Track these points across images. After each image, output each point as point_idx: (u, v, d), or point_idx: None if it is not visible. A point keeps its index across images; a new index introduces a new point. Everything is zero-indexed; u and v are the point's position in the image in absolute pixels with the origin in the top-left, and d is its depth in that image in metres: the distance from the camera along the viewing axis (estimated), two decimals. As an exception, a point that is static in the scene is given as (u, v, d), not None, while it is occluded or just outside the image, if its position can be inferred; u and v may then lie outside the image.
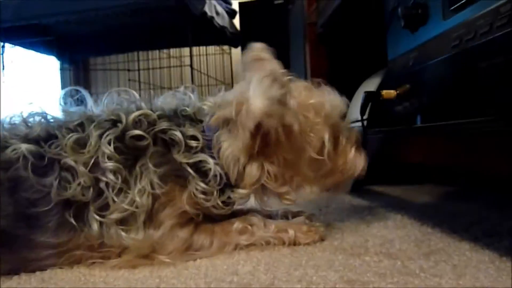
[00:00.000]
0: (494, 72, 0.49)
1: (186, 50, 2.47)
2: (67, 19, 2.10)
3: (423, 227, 0.73)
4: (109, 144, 0.61)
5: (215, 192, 0.64)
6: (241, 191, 0.65)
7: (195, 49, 2.44)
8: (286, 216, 0.76)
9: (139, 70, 2.40)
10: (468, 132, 0.53)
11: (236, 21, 2.55)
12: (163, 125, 0.64)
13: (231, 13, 2.51)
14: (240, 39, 2.51)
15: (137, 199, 0.60)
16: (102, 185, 0.60)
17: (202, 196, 0.63)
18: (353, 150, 0.73)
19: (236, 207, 0.79)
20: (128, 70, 2.51)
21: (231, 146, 0.65)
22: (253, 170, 0.65)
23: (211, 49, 2.73)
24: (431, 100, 0.66)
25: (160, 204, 0.62)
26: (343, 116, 0.74)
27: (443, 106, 0.63)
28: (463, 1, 0.55)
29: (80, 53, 2.65)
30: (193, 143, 0.64)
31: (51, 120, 0.66)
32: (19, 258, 0.60)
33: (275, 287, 0.50)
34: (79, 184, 0.59)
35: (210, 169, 0.64)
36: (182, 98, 0.71)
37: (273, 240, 0.67)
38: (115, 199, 0.60)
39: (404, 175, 1.38)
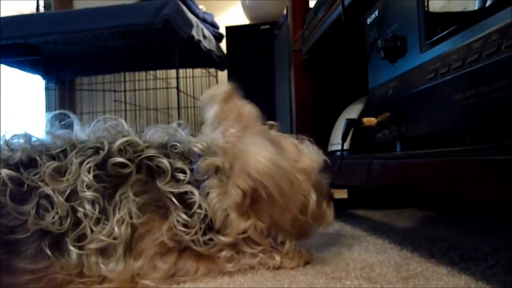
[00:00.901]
0: (466, 105, 0.52)
1: (172, 72, 2.49)
2: (54, 39, 2.11)
3: (402, 251, 0.75)
4: (89, 172, 0.60)
5: (197, 226, 0.63)
6: (223, 238, 0.64)
7: (181, 71, 2.47)
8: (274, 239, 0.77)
9: (125, 91, 2.40)
10: (444, 160, 0.55)
11: (223, 44, 2.59)
12: (151, 152, 0.64)
13: (218, 37, 2.55)
14: (226, 63, 2.55)
15: (116, 229, 0.59)
16: (80, 214, 0.59)
17: (182, 228, 0.62)
18: (325, 204, 0.75)
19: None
20: (114, 91, 2.50)
21: (219, 196, 0.64)
22: (240, 224, 0.64)
23: (198, 71, 2.75)
24: (409, 128, 0.69)
25: (139, 234, 0.62)
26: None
27: (420, 134, 0.66)
28: (438, 36, 0.59)
29: (66, 73, 2.64)
30: (180, 176, 0.63)
31: (35, 144, 0.65)
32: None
33: (258, 311, 0.51)
34: (55, 214, 0.59)
35: (195, 201, 0.63)
36: (172, 133, 0.70)
37: (259, 266, 0.67)
38: (93, 229, 0.59)
39: (386, 200, 1.40)
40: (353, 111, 1.08)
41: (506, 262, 0.64)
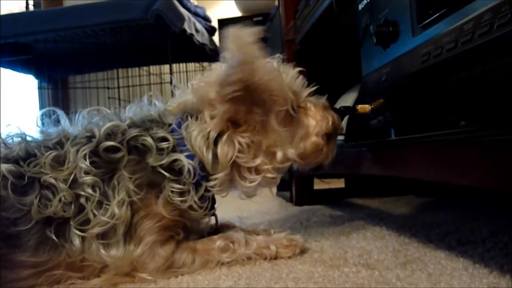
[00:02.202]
0: (460, 87, 0.51)
1: (166, 67, 2.47)
2: (46, 38, 2.09)
3: (400, 237, 0.75)
4: (85, 158, 0.63)
5: (190, 189, 0.65)
6: (216, 175, 0.67)
7: (175, 66, 2.45)
8: (267, 231, 0.77)
9: (118, 87, 2.38)
10: (439, 143, 0.55)
11: (216, 37, 2.58)
12: (133, 132, 0.66)
13: (211, 30, 2.53)
14: (220, 56, 2.53)
15: (116, 210, 0.61)
16: (82, 200, 0.61)
17: (178, 198, 0.64)
18: (321, 111, 0.77)
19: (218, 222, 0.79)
20: (108, 88, 2.49)
21: (201, 129, 0.67)
22: (224, 147, 0.67)
23: (191, 65, 2.74)
24: (403, 113, 0.68)
25: (139, 217, 0.63)
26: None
27: (414, 119, 0.66)
28: (430, 19, 0.58)
29: (58, 71, 2.62)
30: (164, 144, 0.66)
31: (30, 140, 0.67)
32: None
33: (256, 301, 0.50)
34: (60, 200, 0.60)
35: (183, 166, 0.65)
36: (146, 106, 0.73)
37: (255, 256, 0.67)
38: (95, 212, 0.61)
39: (383, 187, 1.40)
40: (348, 99, 1.08)
41: (503, 244, 0.64)
